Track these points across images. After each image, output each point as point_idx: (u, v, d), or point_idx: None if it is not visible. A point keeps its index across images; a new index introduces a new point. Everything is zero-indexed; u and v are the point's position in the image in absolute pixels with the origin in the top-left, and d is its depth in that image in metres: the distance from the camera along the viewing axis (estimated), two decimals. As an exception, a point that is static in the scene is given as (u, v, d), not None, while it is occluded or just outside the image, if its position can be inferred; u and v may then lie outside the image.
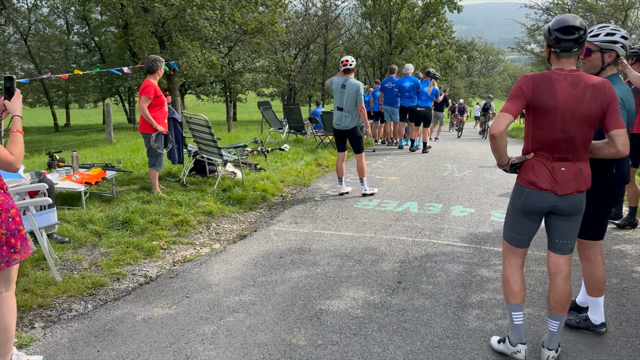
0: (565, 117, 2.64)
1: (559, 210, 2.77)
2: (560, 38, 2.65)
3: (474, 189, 7.68)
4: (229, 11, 17.83)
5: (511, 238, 2.96)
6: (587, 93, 2.64)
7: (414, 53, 38.57)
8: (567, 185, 2.72)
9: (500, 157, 2.84)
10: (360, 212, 6.25)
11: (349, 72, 6.95)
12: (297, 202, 6.81)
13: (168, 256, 4.73)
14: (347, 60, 6.97)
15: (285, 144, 10.75)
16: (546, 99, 2.65)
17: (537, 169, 2.75)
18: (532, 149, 2.79)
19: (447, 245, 4.97)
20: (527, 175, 2.78)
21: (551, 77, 2.68)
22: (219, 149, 6.59)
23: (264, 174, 7.90)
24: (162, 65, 5.99)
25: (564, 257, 2.86)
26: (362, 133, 7.13)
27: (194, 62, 16.40)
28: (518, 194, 2.86)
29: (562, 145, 2.68)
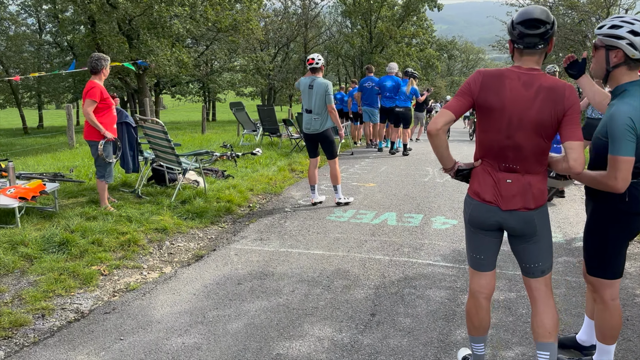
0: (512, 121, 2.28)
1: (510, 229, 2.41)
2: (524, 32, 2.25)
3: (456, 196, 7.17)
4: (202, 8, 17.14)
5: (471, 260, 2.59)
6: (540, 96, 2.25)
7: (394, 52, 38.19)
8: (513, 200, 2.34)
9: (442, 158, 2.48)
10: (333, 225, 5.68)
11: (316, 71, 6.39)
12: (265, 213, 6.22)
13: (108, 284, 4.11)
14: (313, 58, 6.41)
15: (258, 147, 10.14)
16: (492, 98, 2.30)
17: (482, 178, 2.42)
18: (480, 154, 2.45)
19: (427, 265, 4.43)
20: (473, 185, 2.46)
21: (503, 74, 2.31)
22: (177, 157, 5.97)
23: (231, 182, 7.29)
24: (107, 64, 5.34)
25: (536, 280, 2.47)
26: (336, 136, 6.59)
27: (163, 60, 15.65)
28: (466, 205, 2.53)
29: (508, 154, 2.34)
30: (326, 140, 6.35)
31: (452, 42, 58.44)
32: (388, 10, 39.53)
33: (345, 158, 11.04)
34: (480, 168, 2.44)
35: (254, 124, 12.20)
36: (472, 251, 2.57)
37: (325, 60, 6.51)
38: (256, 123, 12.22)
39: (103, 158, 5.45)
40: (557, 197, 7.14)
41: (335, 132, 11.43)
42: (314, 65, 6.38)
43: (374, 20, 39.33)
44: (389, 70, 11.87)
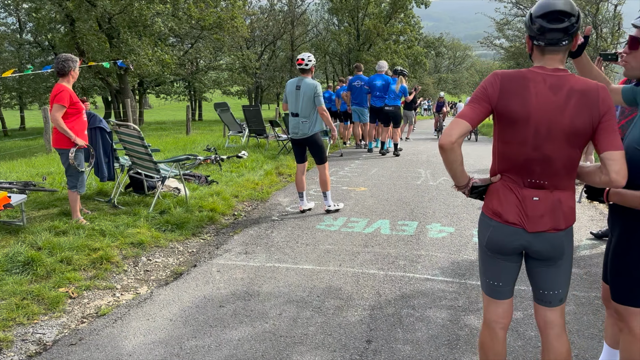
0: (540, 130, 1.98)
1: (534, 252, 2.10)
2: (546, 27, 1.94)
3: (451, 200, 6.86)
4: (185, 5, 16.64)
5: (487, 286, 2.27)
6: (572, 101, 1.94)
7: (382, 49, 37.90)
8: (541, 221, 2.04)
9: (455, 175, 2.15)
10: (323, 235, 5.34)
11: (305, 72, 6.03)
12: (250, 223, 5.86)
13: (77, 308, 3.72)
14: (302, 58, 6.04)
15: (244, 150, 9.75)
16: (515, 105, 2.00)
17: (503, 196, 2.11)
18: (499, 169, 2.14)
19: (425, 281, 4.10)
20: (492, 204, 2.14)
21: (526, 76, 2.00)
22: (155, 164, 5.58)
23: (215, 188, 6.91)
24: (76, 65, 4.94)
25: (552, 310, 2.18)
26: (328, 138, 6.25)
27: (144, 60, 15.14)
28: (483, 227, 2.20)
29: (535, 168, 2.04)
30: (315, 144, 6.01)
31: (439, 39, 58.30)
32: (375, 7, 39.23)
33: (334, 160, 10.70)
34: (500, 184, 2.13)
35: (239, 125, 11.81)
36: (488, 278, 2.25)
37: (315, 60, 6.13)
38: (242, 124, 11.83)
39: (74, 167, 5.05)
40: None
41: (325, 133, 11.13)
42: (302, 67, 6.02)
43: (361, 17, 39.02)
44: (378, 68, 11.54)
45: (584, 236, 5.24)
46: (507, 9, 21.39)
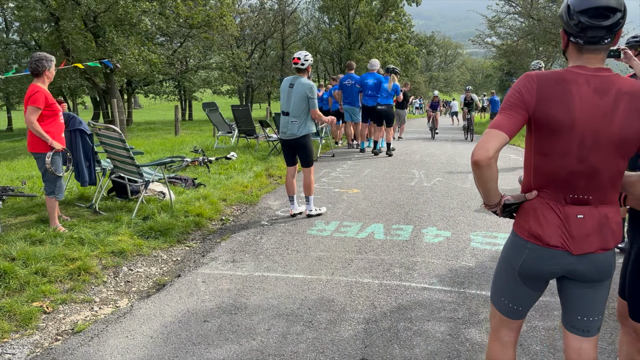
0: (585, 140, 1.75)
1: (577, 275, 1.87)
2: (587, 24, 1.70)
3: (447, 202, 6.66)
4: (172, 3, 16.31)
5: (503, 307, 2.05)
6: (621, 105, 1.72)
7: (373, 48, 37.70)
8: (587, 241, 1.81)
9: (488, 194, 1.91)
10: (315, 240, 5.11)
11: (301, 72, 5.82)
12: (239, 228, 5.62)
13: (51, 324, 3.47)
14: (298, 57, 5.82)
15: (232, 151, 9.50)
16: (557, 111, 1.76)
17: (542, 215, 1.87)
18: (536, 184, 1.91)
19: (422, 290, 3.89)
20: (528, 224, 1.90)
21: (566, 78, 1.76)
22: (138, 167, 5.32)
23: (202, 192, 6.66)
24: (52, 65, 4.67)
25: (588, 340, 1.94)
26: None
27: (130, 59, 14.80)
28: (516, 249, 1.95)
29: (579, 182, 1.82)
30: (303, 146, 5.77)
31: (430, 37, 58.22)
32: (366, 5, 39.03)
33: (326, 160, 10.48)
34: (537, 202, 1.90)
35: (228, 126, 11.55)
36: (509, 301, 2.04)
37: (312, 60, 5.91)
38: (231, 124, 11.57)
39: (52, 172, 4.79)
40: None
41: (317, 134, 10.91)
42: (298, 66, 5.80)
43: (352, 15, 38.80)
44: (370, 67, 11.33)
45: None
46: (499, 6, 21.28)
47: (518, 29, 21.73)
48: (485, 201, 1.98)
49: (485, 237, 5.15)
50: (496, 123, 1.83)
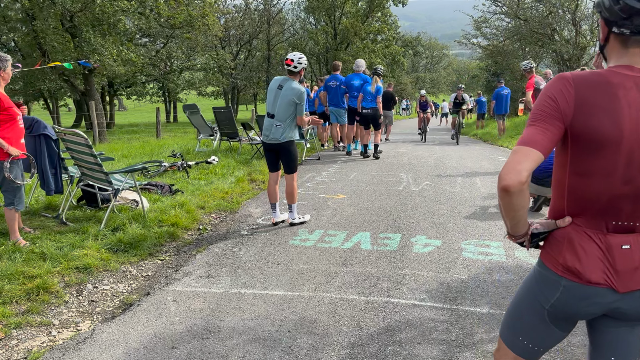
0: (635, 157, 1.45)
1: (620, 314, 1.55)
2: (637, 7, 1.36)
3: (436, 208, 6.38)
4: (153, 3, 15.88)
5: (520, 347, 1.73)
6: None
7: (360, 48, 37.45)
8: (635, 276, 1.50)
9: (517, 224, 1.58)
10: (297, 251, 4.79)
11: (293, 74, 5.49)
12: (217, 238, 5.27)
13: (2, 353, 3.11)
14: (291, 59, 5.46)
15: (214, 155, 9.15)
16: (601, 122, 1.44)
17: (579, 246, 1.55)
18: (570, 209, 1.59)
19: (412, 308, 3.58)
20: (563, 256, 1.58)
21: (610, 80, 1.43)
22: (107, 174, 4.96)
23: (179, 199, 6.31)
24: (9, 65, 4.30)
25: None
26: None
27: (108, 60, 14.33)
28: (546, 286, 1.62)
29: (623, 207, 1.52)
30: (286, 152, 5.45)
31: (416, 38, 58.13)
32: (352, 5, 38.80)
33: (311, 164, 10.16)
34: (571, 230, 1.59)
35: (210, 128, 11.18)
36: (529, 341, 1.72)
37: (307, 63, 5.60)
38: (213, 127, 11.20)
39: (11, 181, 4.41)
40: (546, 206, 6.45)
41: (302, 136, 10.59)
42: (291, 68, 5.46)
43: (338, 16, 38.55)
44: (355, 68, 11.05)
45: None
46: (486, 6, 21.16)
47: (504, 29, 21.65)
48: (510, 231, 1.66)
49: (477, 246, 4.87)
50: (527, 138, 1.49)
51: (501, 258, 4.55)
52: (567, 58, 17.58)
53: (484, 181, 8.18)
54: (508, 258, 4.55)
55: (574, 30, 17.64)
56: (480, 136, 18.45)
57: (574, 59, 17.27)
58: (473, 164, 10.22)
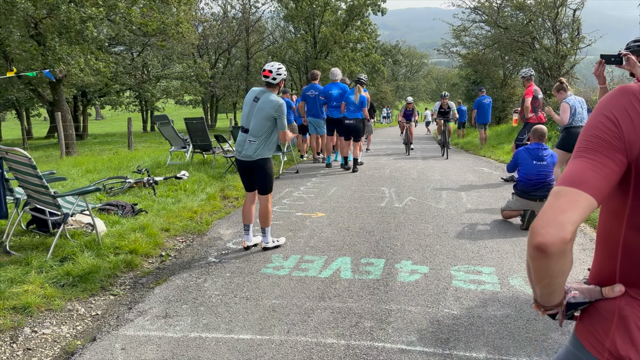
0: None
1: None
2: None
3: (421, 227, 5.94)
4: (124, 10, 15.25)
5: None
6: None
7: (339, 57, 37.18)
8: None
9: (552, 293, 1.15)
10: (269, 282, 4.28)
11: (271, 87, 5.04)
12: (180, 267, 4.74)
13: None
14: (270, 70, 5.00)
15: (184, 170, 8.59)
16: None
17: (636, 326, 1.13)
18: (624, 275, 1.17)
19: (400, 354, 3.11)
20: (611, 339, 1.15)
21: None
22: (54, 198, 4.40)
23: (141, 220, 5.76)
24: None
25: None
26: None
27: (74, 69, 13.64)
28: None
29: None
30: (261, 170, 4.96)
31: (396, 46, 58.22)
32: (331, 14, 38.55)
33: (289, 178, 9.67)
34: (623, 303, 1.17)
35: (182, 140, 10.62)
36: None
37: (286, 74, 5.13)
38: (185, 139, 10.64)
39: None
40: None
41: (279, 148, 10.10)
42: (269, 80, 5.00)
43: (318, 25, 38.26)
44: (332, 77, 10.62)
45: (581, 274, 4.39)
46: (465, 14, 21.00)
47: (484, 37, 21.52)
48: (540, 300, 1.21)
49: (468, 273, 4.43)
50: (575, 176, 1.08)
51: (495, 287, 4.11)
52: (547, 66, 17.45)
53: (469, 195, 7.79)
54: (502, 287, 4.12)
55: (555, 39, 17.53)
56: (462, 145, 18.19)
57: (555, 67, 17.14)
58: (457, 176, 9.85)
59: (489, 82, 23.52)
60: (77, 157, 13.19)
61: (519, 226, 5.95)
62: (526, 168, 5.92)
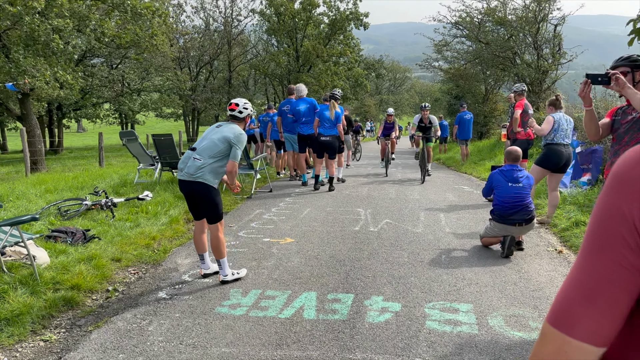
0: None
1: None
2: None
3: (396, 255, 5.55)
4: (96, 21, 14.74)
5: None
6: None
7: (322, 71, 37.01)
8: None
9: None
10: (222, 325, 3.83)
11: (237, 120, 4.72)
12: (126, 305, 4.26)
13: None
14: (236, 104, 4.71)
15: (147, 191, 8.10)
16: None
17: None
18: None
19: (361, 418, 2.68)
20: None
21: None
22: (-19, 231, 3.91)
23: (92, 249, 5.28)
24: None
25: None
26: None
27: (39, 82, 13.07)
28: None
29: None
30: (204, 199, 4.54)
31: (379, 61, 58.41)
32: (314, 28, 38.44)
33: (261, 198, 9.24)
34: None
35: (151, 157, 10.14)
36: None
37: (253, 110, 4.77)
38: (154, 156, 10.16)
39: None
40: (517, 250, 5.71)
41: (251, 167, 9.68)
42: (235, 113, 4.69)
43: (300, 38, 38.10)
44: (298, 93, 10.26)
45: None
46: (447, 29, 20.90)
47: (465, 52, 21.44)
48: None
49: (443, 311, 4.03)
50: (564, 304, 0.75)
51: (472, 329, 3.71)
52: (529, 82, 17.34)
53: (448, 218, 7.43)
54: (480, 329, 3.72)
55: (536, 54, 17.45)
56: (443, 161, 17.95)
57: (536, 83, 17.03)
58: (436, 195, 9.50)
59: (471, 96, 23.43)
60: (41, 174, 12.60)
61: (499, 253, 5.59)
62: (501, 191, 5.58)
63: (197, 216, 4.74)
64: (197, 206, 4.66)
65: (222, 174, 4.61)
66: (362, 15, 37.07)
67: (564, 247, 5.90)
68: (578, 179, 8.74)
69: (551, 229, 6.72)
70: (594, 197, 7.41)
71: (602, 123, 3.89)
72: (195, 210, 4.71)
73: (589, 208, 7.01)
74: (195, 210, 4.70)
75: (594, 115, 3.78)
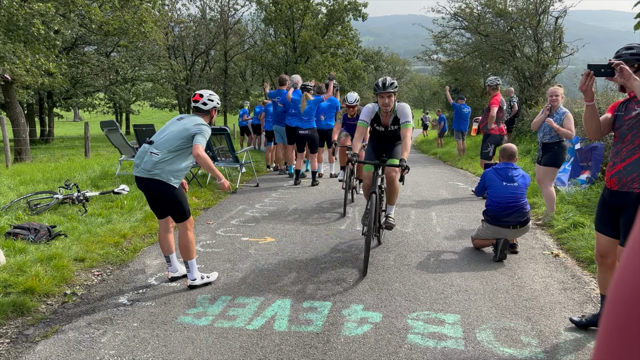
0: None
1: None
2: None
3: (381, 258, 5.20)
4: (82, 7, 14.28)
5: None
6: None
7: (319, 62, 36.54)
8: None
9: None
10: (183, 337, 3.47)
11: (201, 113, 4.33)
12: (81, 312, 3.90)
13: None
14: (200, 94, 4.33)
15: (124, 184, 7.73)
16: None
17: None
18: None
19: None
20: None
21: None
22: None
23: (55, 248, 4.91)
24: None
25: None
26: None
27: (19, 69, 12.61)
28: None
29: None
30: (164, 197, 4.15)
31: (378, 53, 57.86)
32: (312, 18, 37.91)
33: (246, 192, 8.88)
34: None
35: (132, 149, 9.76)
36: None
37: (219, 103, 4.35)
38: (136, 147, 9.78)
39: None
40: (510, 253, 5.36)
41: (237, 160, 9.30)
42: (199, 105, 4.30)
43: (298, 29, 37.57)
44: (291, 83, 9.89)
45: (562, 325, 3.67)
46: (445, 20, 20.44)
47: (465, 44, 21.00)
48: None
49: (427, 323, 3.68)
50: None
51: (458, 344, 3.36)
52: (528, 75, 16.94)
53: (440, 217, 7.08)
54: (467, 344, 3.37)
55: (536, 47, 17.03)
56: (440, 156, 17.60)
57: (536, 77, 16.63)
58: (429, 192, 9.15)
59: (469, 90, 23.03)
60: (22, 164, 12.21)
61: (491, 256, 5.24)
62: (495, 191, 5.23)
63: (160, 215, 4.37)
64: (158, 204, 4.29)
65: (184, 172, 4.24)
66: (360, 5, 36.55)
67: (560, 250, 5.56)
68: (577, 177, 8.38)
69: (547, 230, 6.37)
70: (594, 196, 7.05)
71: (603, 119, 3.51)
72: (157, 209, 4.35)
73: (588, 208, 6.65)
74: (157, 208, 4.33)
75: (596, 111, 3.41)
